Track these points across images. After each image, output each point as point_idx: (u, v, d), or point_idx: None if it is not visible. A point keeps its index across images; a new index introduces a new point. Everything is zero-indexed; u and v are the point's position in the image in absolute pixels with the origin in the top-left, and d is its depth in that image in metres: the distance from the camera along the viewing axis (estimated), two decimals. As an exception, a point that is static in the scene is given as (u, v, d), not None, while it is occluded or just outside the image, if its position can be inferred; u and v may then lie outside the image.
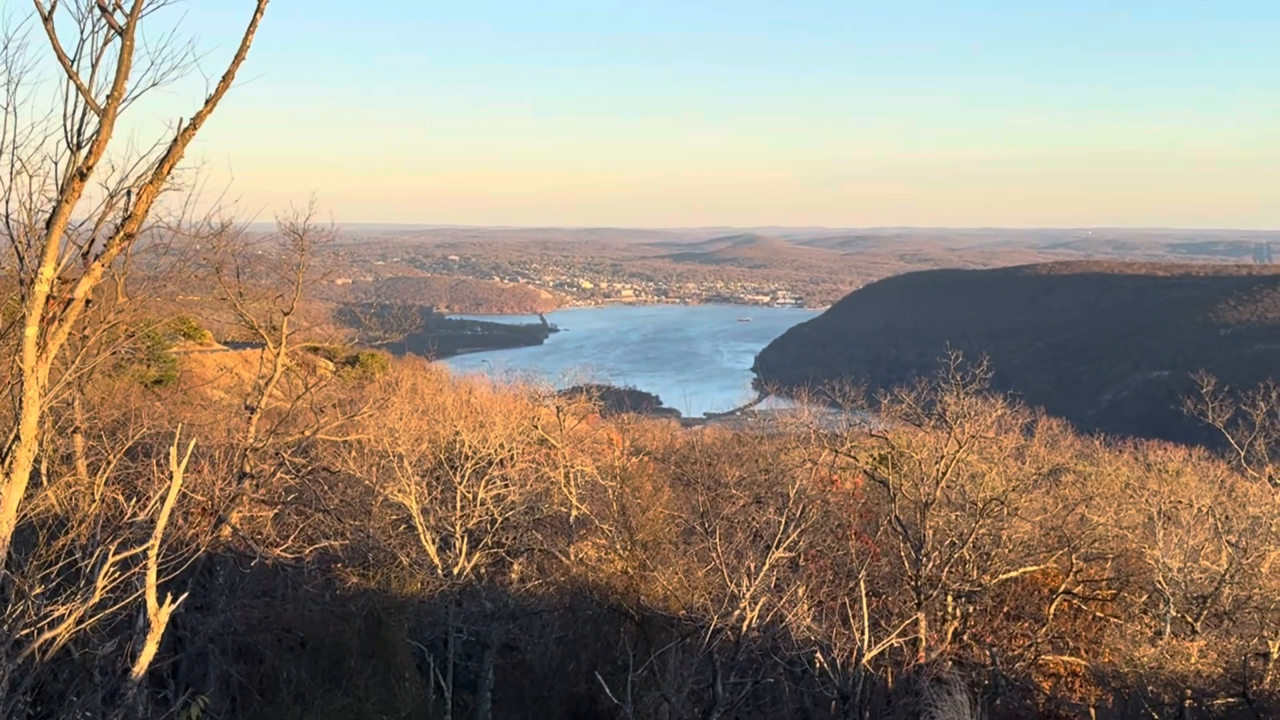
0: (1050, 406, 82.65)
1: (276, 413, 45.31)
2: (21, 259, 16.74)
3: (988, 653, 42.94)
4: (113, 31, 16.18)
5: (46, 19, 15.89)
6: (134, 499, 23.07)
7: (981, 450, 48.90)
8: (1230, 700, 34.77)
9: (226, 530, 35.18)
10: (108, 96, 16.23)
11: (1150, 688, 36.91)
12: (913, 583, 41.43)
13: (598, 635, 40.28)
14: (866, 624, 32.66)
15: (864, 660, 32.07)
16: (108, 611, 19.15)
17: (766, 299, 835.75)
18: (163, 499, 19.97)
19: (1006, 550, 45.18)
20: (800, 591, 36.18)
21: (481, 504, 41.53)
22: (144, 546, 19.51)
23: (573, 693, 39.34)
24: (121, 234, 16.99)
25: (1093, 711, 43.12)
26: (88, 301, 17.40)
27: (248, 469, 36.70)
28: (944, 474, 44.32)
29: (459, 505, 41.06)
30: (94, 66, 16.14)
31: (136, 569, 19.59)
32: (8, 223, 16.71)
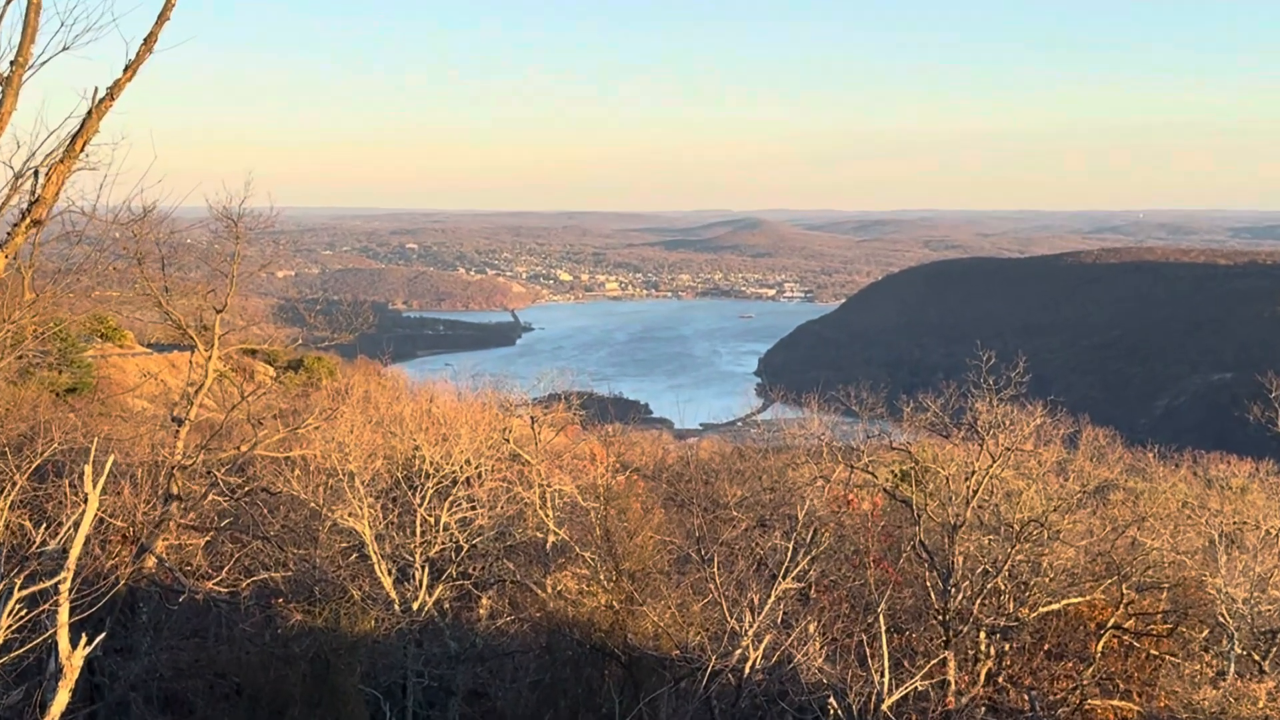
0: (1097, 414, 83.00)
1: (208, 425, 45.20)
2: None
3: (1026, 697, 43.02)
4: (16, -13, 16.10)
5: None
6: (43, 525, 22.97)
7: (1018, 465, 49.03)
8: (1303, 750, 34.91)
9: (151, 561, 35.08)
10: (11, 63, 16.14)
11: (1212, 736, 37.03)
12: (940, 617, 41.51)
13: (578, 679, 40.27)
14: (887, 664, 32.68)
15: (884, 706, 32.09)
16: (13, 655, 19.05)
17: (771, 292, 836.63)
18: (76, 525, 19.88)
19: (1047, 579, 45.29)
20: (811, 627, 36.21)
21: (445, 529, 41.49)
22: (55, 580, 19.41)
23: (550, 745, 39.35)
24: (28, 220, 16.91)
25: (1146, 763, 43.22)
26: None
27: (175, 490, 36.63)
28: (975, 492, 44.44)
29: (419, 531, 41.02)
30: (-6, 28, 16.05)
31: (46, 606, 19.49)
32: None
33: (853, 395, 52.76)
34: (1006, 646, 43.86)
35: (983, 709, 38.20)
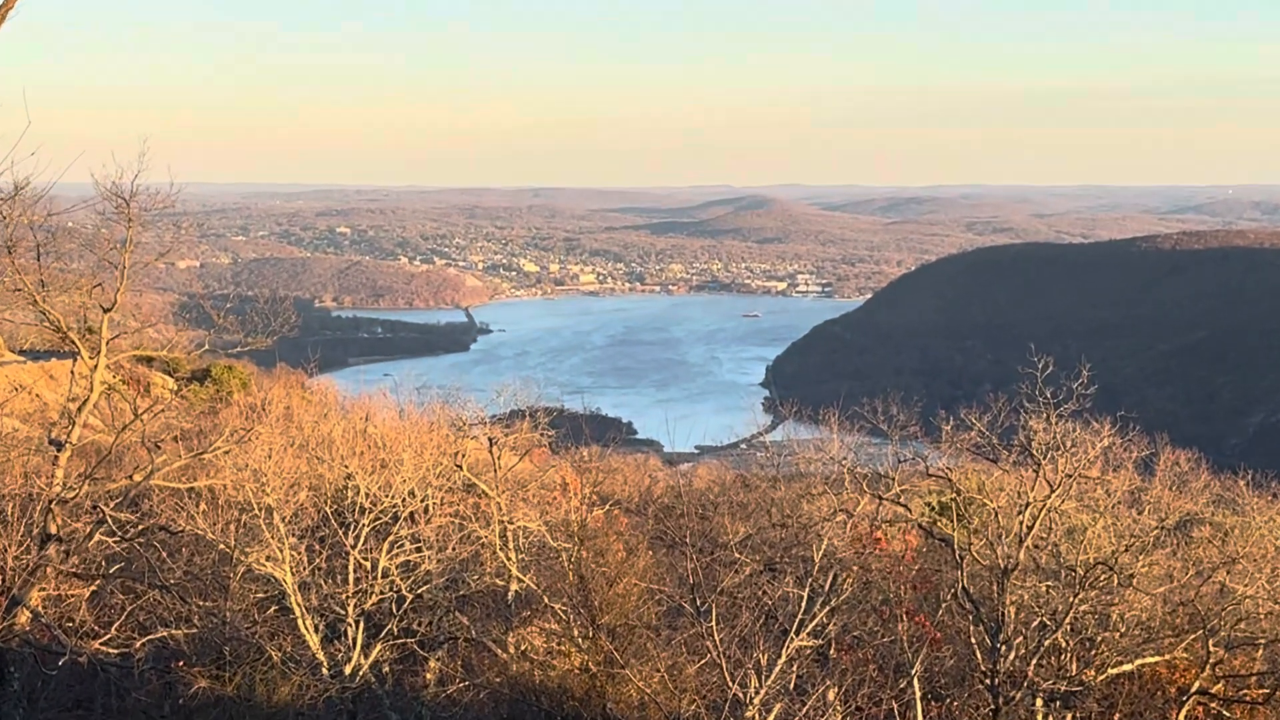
0: (1177, 433, 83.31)
1: (94, 449, 45.03)
2: None
3: (1092, 777, 43.16)
4: None
5: None
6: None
7: (1082, 495, 49.18)
8: None
9: (23, 616, 34.92)
10: None
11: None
12: (987, 680, 41.61)
13: (548, 759, 40.29)
14: (923, 739, 32.74)
15: (920, 790, 32.18)
16: None
17: (782, 286, 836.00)
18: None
19: (1118, 635, 45.41)
20: (830, 694, 36.28)
21: (384, 575, 41.42)
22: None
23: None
24: None
25: None
26: None
27: (53, 529, 36.49)
28: (1030, 529, 44.58)
29: (352, 578, 40.94)
30: None
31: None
32: None
33: (880, 411, 52.87)
34: (1069, 717, 43.94)
35: (1040, 792, 38.28)
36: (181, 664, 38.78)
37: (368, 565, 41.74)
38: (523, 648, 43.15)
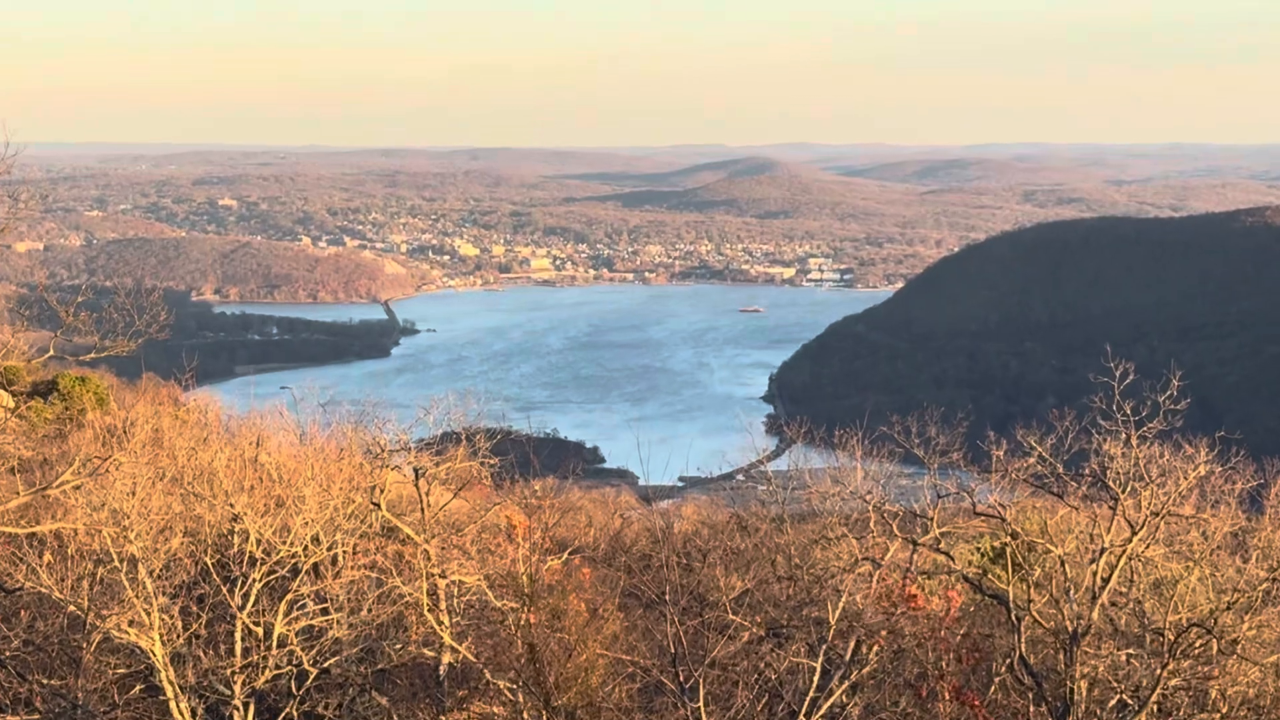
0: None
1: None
2: None
3: None
4: None
5: None
6: None
7: (1173, 539, 49.27)
8: None
9: None
10: None
11: None
12: (1053, 776, 41.71)
13: None
14: None
15: None
16: None
17: (790, 273, 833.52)
18: None
19: (1218, 717, 45.55)
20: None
21: (281, 645, 41.28)
22: None
23: None
24: None
25: None
26: None
27: None
28: (1106, 582, 44.68)
29: (240, 648, 40.77)
30: None
31: None
32: None
33: (915, 433, 52.91)
34: (1156, 821, 44.06)
35: None
36: (20, 760, 38.69)
37: (259, 631, 41.62)
38: (459, 736, 43.15)
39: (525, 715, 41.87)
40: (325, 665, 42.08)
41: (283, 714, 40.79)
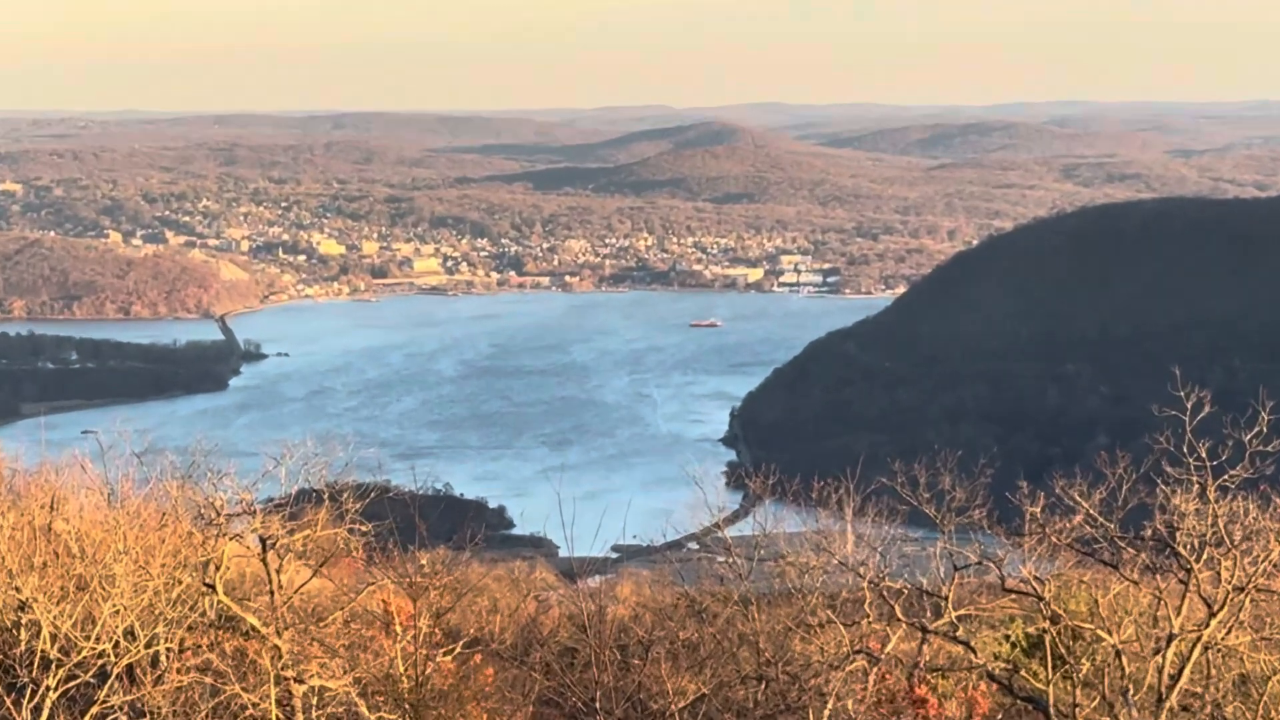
0: None
1: None
2: None
3: None
4: None
5: None
6: None
7: (1263, 622, 50.64)
8: None
9: None
10: None
11: None
12: None
13: None
14: None
15: None
16: None
17: (756, 274, 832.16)
18: None
19: None
20: None
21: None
22: None
23: None
24: None
25: None
26: None
27: None
28: (1176, 679, 46.19)
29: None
30: None
31: None
32: None
33: (923, 483, 54.28)
34: None
35: None
36: None
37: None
38: None
39: None
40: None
41: None
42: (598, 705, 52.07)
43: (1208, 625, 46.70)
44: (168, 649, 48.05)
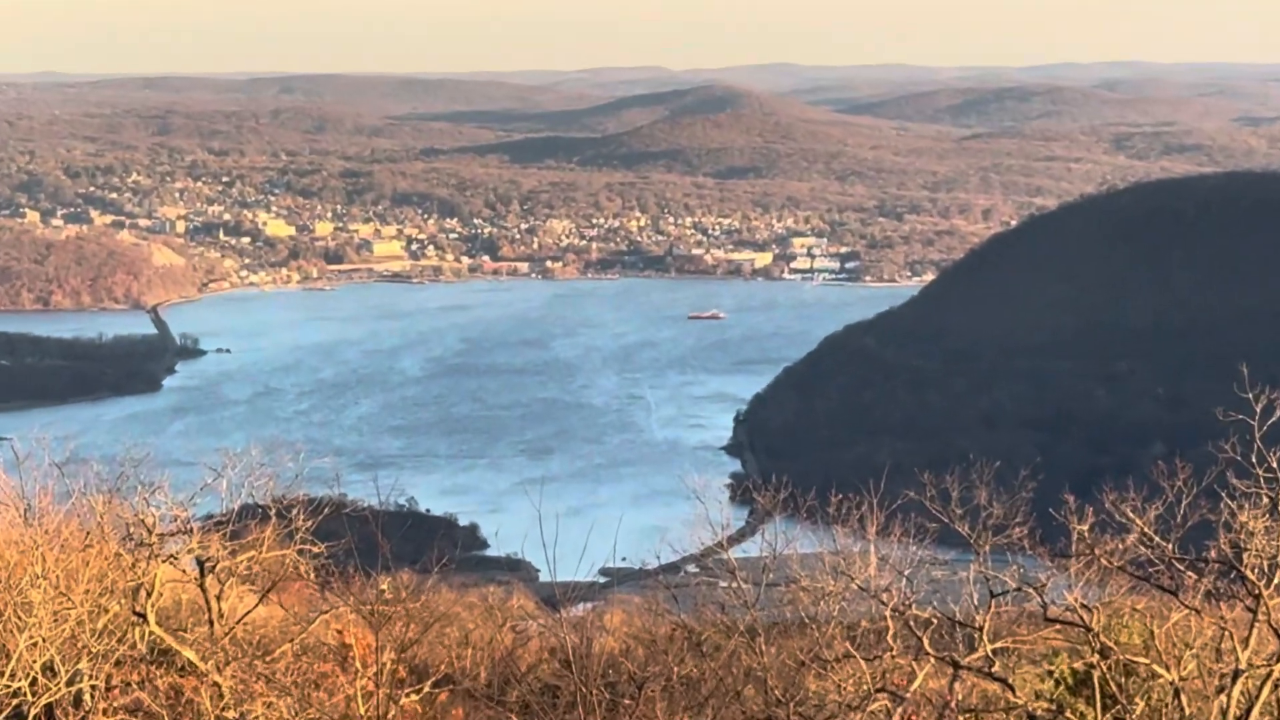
0: None
1: None
2: None
3: None
4: None
5: None
6: None
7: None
8: None
9: None
10: None
11: None
12: None
13: None
14: None
15: None
16: None
17: (764, 259, 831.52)
18: None
19: None
20: None
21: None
22: None
23: None
24: None
25: None
26: None
27: None
28: (1243, 720, 44.96)
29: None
30: None
31: None
32: None
33: (955, 497, 52.92)
34: None
35: None
36: None
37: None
38: None
39: None
40: None
41: None
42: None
43: (1279, 659, 45.24)
44: (93, 687, 46.87)
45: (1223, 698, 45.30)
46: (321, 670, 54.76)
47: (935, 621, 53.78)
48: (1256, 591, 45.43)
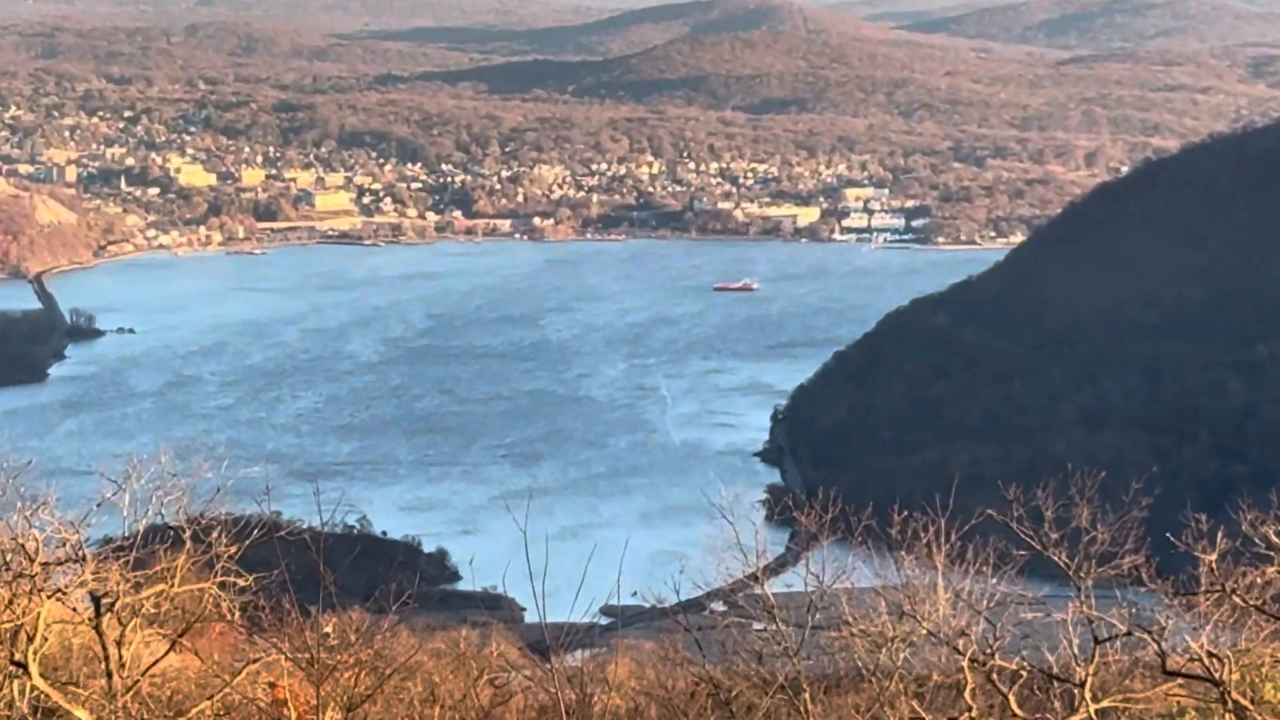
0: None
1: None
2: None
3: None
4: None
5: None
6: None
7: None
8: None
9: None
10: None
11: None
12: None
13: None
14: None
15: None
16: None
17: (810, 215, 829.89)
18: None
19: None
20: None
21: None
22: None
23: None
24: None
25: None
26: None
27: None
28: None
29: None
30: None
31: None
32: None
33: (1050, 517, 53.16)
34: None
35: None
36: None
37: None
38: None
39: None
40: None
41: None
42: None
43: None
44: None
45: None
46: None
47: (1025, 674, 54.01)
48: None
